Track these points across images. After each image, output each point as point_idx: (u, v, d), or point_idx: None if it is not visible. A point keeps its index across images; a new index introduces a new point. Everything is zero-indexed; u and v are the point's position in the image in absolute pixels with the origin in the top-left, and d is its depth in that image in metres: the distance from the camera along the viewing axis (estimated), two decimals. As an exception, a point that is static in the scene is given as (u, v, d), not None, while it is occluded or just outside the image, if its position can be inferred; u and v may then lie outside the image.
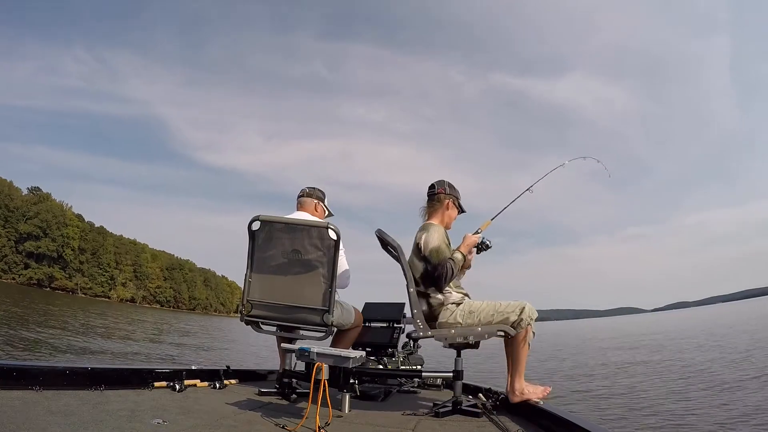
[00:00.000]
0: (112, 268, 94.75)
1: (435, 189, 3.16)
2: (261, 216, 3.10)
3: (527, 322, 2.79)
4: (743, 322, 29.19)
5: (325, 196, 3.75)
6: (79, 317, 23.74)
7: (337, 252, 3.07)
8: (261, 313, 3.17)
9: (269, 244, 3.15)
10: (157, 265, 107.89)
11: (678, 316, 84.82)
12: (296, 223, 3.16)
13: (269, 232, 3.14)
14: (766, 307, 54.27)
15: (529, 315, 2.80)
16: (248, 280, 3.16)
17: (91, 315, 27.58)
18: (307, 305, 3.07)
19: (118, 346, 13.04)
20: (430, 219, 3.14)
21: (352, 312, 3.47)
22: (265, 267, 3.16)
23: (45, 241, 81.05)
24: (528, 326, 2.81)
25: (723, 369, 9.39)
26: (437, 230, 3.00)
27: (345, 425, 2.41)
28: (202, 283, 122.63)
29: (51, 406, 2.10)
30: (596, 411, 6.26)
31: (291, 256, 3.10)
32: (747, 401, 6.18)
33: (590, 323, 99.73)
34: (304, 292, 3.08)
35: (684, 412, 5.84)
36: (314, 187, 3.72)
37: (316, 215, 3.56)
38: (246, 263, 3.16)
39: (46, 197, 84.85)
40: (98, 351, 11.28)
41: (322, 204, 3.71)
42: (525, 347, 2.83)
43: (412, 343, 4.23)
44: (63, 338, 12.71)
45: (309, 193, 3.66)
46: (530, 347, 2.89)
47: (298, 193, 3.72)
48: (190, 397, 2.74)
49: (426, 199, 3.22)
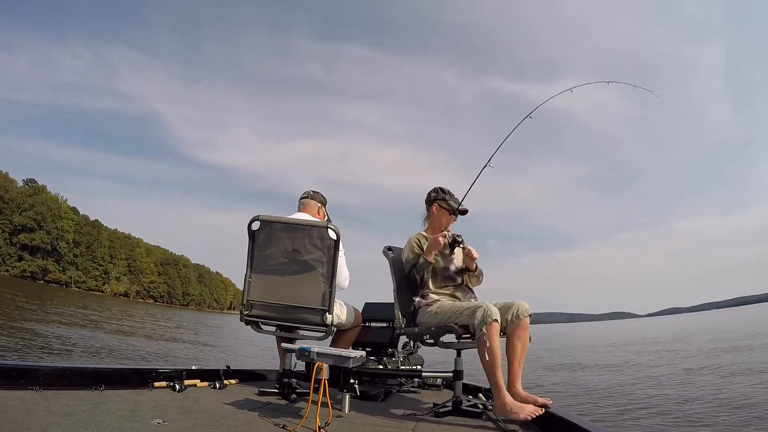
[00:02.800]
0: (106, 262, 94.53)
1: (426, 198, 3.32)
2: (261, 216, 3.10)
3: (481, 325, 2.58)
4: (739, 328, 29.41)
5: (326, 202, 3.77)
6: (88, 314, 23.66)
7: (337, 252, 3.07)
8: (261, 313, 3.17)
9: (269, 243, 3.15)
10: (152, 260, 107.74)
11: (671, 322, 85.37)
12: (297, 223, 3.16)
13: (269, 232, 3.14)
14: (759, 315, 54.63)
15: (482, 316, 2.60)
16: (248, 280, 3.16)
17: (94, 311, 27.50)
18: (307, 305, 3.07)
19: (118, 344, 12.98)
20: (426, 227, 3.30)
21: (352, 312, 3.46)
22: (264, 267, 3.16)
23: (39, 234, 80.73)
24: (482, 331, 2.57)
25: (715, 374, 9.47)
26: (410, 241, 3.19)
27: (345, 425, 2.40)
28: (196, 279, 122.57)
29: (51, 406, 2.08)
30: (596, 411, 6.30)
31: (291, 256, 3.10)
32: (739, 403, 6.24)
33: (585, 327, 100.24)
34: (304, 292, 3.08)
35: (680, 413, 5.89)
36: (317, 191, 3.73)
37: (318, 218, 3.55)
38: (246, 263, 3.16)
39: (41, 189, 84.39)
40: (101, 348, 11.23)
41: (324, 209, 3.73)
42: (485, 354, 2.55)
43: (412, 343, 4.24)
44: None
45: (312, 195, 3.68)
46: (526, 351, 2.74)
47: (302, 195, 3.72)
48: (190, 397, 2.73)
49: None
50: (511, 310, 2.74)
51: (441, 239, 2.95)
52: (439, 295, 3.02)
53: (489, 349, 2.53)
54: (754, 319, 42.52)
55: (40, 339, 10.67)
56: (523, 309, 2.74)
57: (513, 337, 2.72)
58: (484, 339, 2.55)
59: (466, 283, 3.10)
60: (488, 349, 2.53)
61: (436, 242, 2.96)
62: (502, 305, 2.78)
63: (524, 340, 2.72)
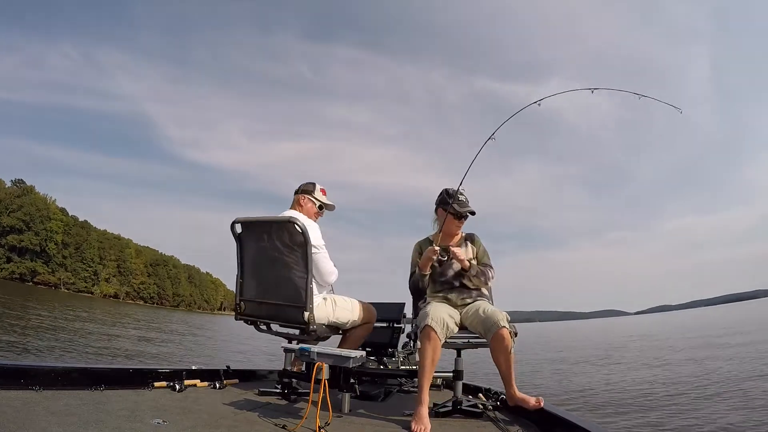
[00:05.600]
0: (95, 264, 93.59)
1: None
2: (238, 218, 3.22)
3: (420, 329, 2.65)
4: (728, 325, 29.79)
5: (314, 188, 3.48)
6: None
7: (309, 247, 2.98)
8: (253, 312, 3.27)
9: (250, 244, 3.27)
10: (141, 261, 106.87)
11: (660, 319, 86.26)
12: (263, 220, 3.17)
13: (248, 233, 3.26)
14: (747, 312, 55.33)
15: (419, 322, 2.69)
16: (239, 281, 3.32)
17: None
18: (286, 302, 3.06)
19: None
20: (436, 230, 3.26)
21: (357, 310, 3.32)
22: (251, 267, 3.31)
23: (28, 235, 79.85)
24: (422, 334, 2.62)
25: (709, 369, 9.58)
26: (413, 249, 3.25)
27: (345, 425, 2.40)
28: (187, 280, 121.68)
29: (51, 406, 2.08)
30: (595, 411, 6.34)
31: (268, 254, 3.15)
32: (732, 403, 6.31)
33: (575, 325, 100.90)
34: (282, 290, 3.08)
35: (676, 411, 5.95)
36: (304, 182, 3.57)
37: (303, 210, 3.38)
38: (237, 264, 3.33)
39: (29, 190, 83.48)
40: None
41: (309, 196, 3.44)
42: (420, 359, 2.60)
43: (412, 344, 4.23)
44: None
45: (296, 189, 3.52)
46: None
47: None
48: (190, 397, 2.72)
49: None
50: (484, 320, 2.71)
51: (432, 255, 2.95)
52: (433, 297, 3.05)
53: (416, 354, 2.58)
54: (743, 316, 43.09)
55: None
56: (496, 319, 2.65)
57: (491, 348, 2.69)
58: (417, 343, 2.65)
59: (468, 285, 3.08)
60: (416, 354, 2.59)
61: (428, 257, 2.97)
62: (479, 314, 2.77)
63: (502, 351, 2.63)
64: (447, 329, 2.65)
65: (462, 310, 2.90)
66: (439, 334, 2.59)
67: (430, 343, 2.58)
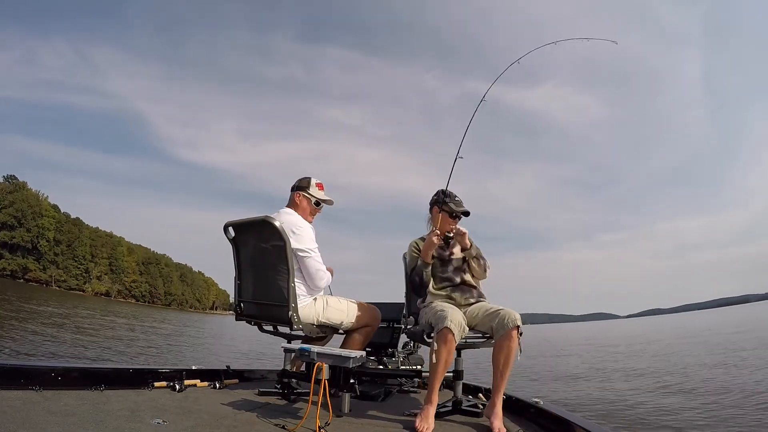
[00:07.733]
0: (87, 261, 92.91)
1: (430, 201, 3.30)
2: (228, 221, 3.26)
3: (437, 331, 2.59)
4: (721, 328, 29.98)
5: (309, 183, 3.33)
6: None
7: (287, 246, 2.91)
8: (250, 313, 3.29)
9: (241, 246, 3.31)
10: (133, 259, 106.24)
11: (652, 322, 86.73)
12: (246, 222, 3.16)
13: (239, 235, 3.28)
14: (741, 316, 55.71)
15: (436, 323, 2.63)
16: (236, 282, 3.37)
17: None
18: (272, 302, 3.05)
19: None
20: (430, 230, 3.23)
21: (349, 311, 3.21)
22: (243, 268, 3.35)
23: (20, 232, 79.18)
24: (438, 335, 2.57)
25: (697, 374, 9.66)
26: (410, 246, 3.24)
27: (345, 425, 2.40)
28: (179, 279, 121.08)
29: (51, 406, 2.07)
30: (595, 411, 6.37)
31: (254, 255, 3.19)
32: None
33: (566, 328, 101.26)
34: (269, 290, 3.06)
35: (672, 411, 6.00)
36: (300, 178, 3.44)
37: (298, 209, 3.27)
38: (234, 266, 3.39)
39: (21, 186, 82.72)
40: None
41: (304, 193, 3.30)
42: (435, 360, 2.54)
43: (412, 343, 4.24)
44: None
45: (291, 187, 3.39)
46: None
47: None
48: (190, 397, 2.71)
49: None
50: (497, 318, 2.65)
51: (434, 238, 2.93)
52: (435, 296, 3.02)
53: (434, 355, 2.54)
54: (736, 320, 43.37)
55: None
56: (509, 318, 2.60)
57: (496, 347, 2.63)
58: (433, 344, 2.57)
59: (469, 282, 3.08)
60: (433, 354, 2.54)
61: (431, 242, 2.94)
62: (491, 312, 2.73)
63: (508, 352, 2.57)
64: (463, 331, 2.60)
65: (465, 310, 2.87)
66: (456, 337, 2.55)
67: (446, 346, 2.53)
